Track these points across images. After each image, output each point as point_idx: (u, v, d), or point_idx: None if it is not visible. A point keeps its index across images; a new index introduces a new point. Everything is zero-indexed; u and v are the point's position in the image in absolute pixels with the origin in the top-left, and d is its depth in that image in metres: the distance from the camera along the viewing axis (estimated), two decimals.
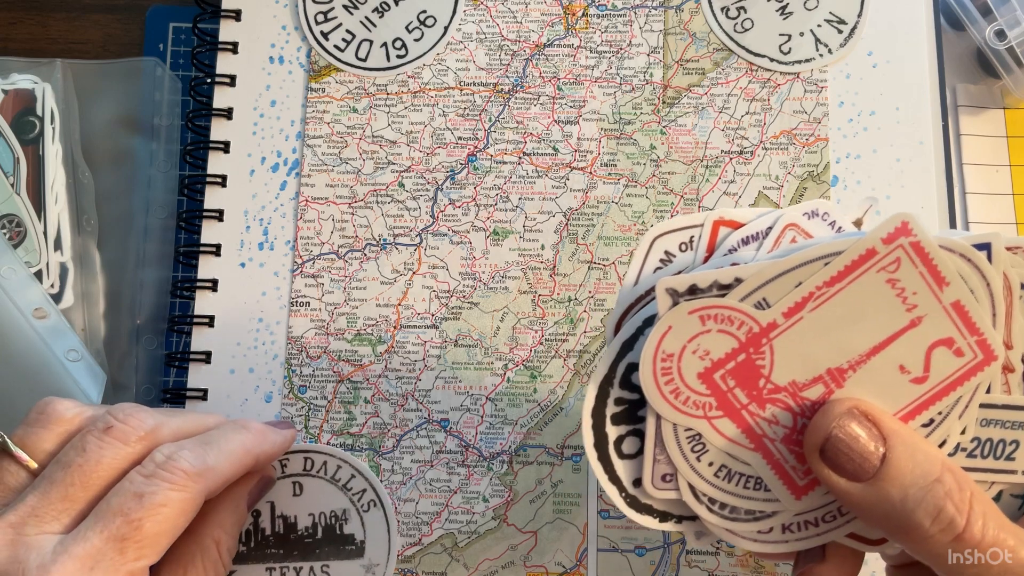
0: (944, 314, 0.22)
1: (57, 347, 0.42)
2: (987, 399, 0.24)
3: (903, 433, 0.23)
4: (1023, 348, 0.23)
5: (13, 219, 0.45)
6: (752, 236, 0.24)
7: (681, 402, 0.24)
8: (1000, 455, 0.24)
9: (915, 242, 0.22)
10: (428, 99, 0.45)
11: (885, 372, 0.23)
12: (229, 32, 0.46)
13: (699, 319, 0.23)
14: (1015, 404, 0.24)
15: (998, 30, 0.45)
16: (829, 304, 0.23)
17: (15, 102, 0.47)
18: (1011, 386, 0.24)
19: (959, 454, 0.24)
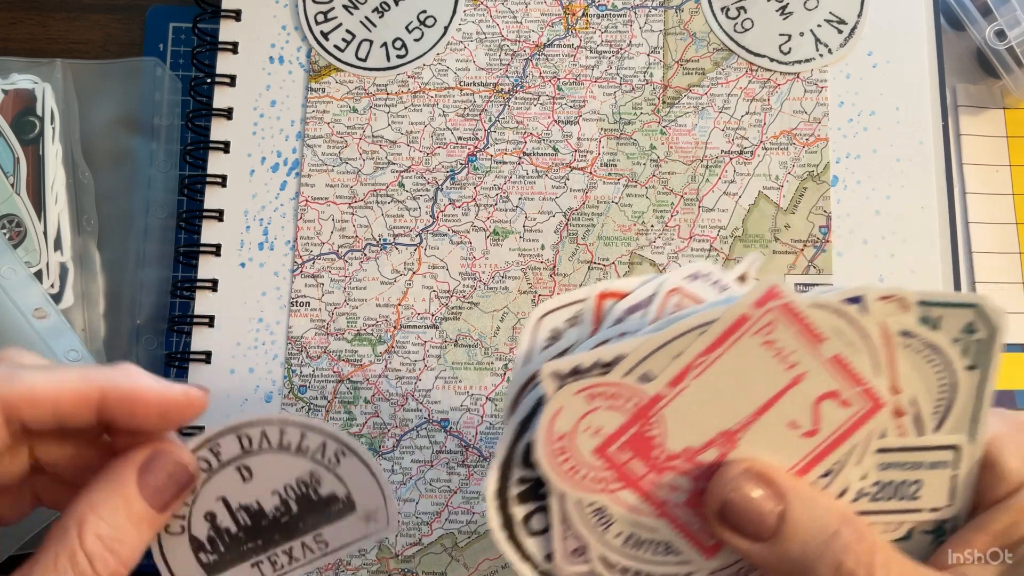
0: (824, 369, 0.23)
1: (57, 347, 0.42)
2: (883, 444, 0.24)
3: (800, 489, 0.23)
4: (911, 391, 0.24)
5: (13, 219, 0.45)
6: (637, 305, 0.25)
7: (580, 478, 0.24)
8: (905, 496, 0.25)
9: (785, 304, 0.23)
10: (428, 99, 0.45)
11: (776, 430, 0.24)
12: (229, 32, 0.46)
13: (586, 398, 0.24)
14: (911, 446, 0.24)
15: (998, 30, 0.45)
16: (711, 370, 0.23)
17: (15, 102, 0.47)
18: (905, 428, 0.24)
19: (863, 499, 0.25)
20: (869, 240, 0.43)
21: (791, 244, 0.43)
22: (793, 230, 0.43)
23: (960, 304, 0.24)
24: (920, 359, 0.24)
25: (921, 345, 0.24)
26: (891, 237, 0.42)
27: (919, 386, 0.24)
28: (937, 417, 0.24)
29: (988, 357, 0.24)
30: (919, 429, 0.24)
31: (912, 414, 0.24)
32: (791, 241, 0.43)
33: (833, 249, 0.42)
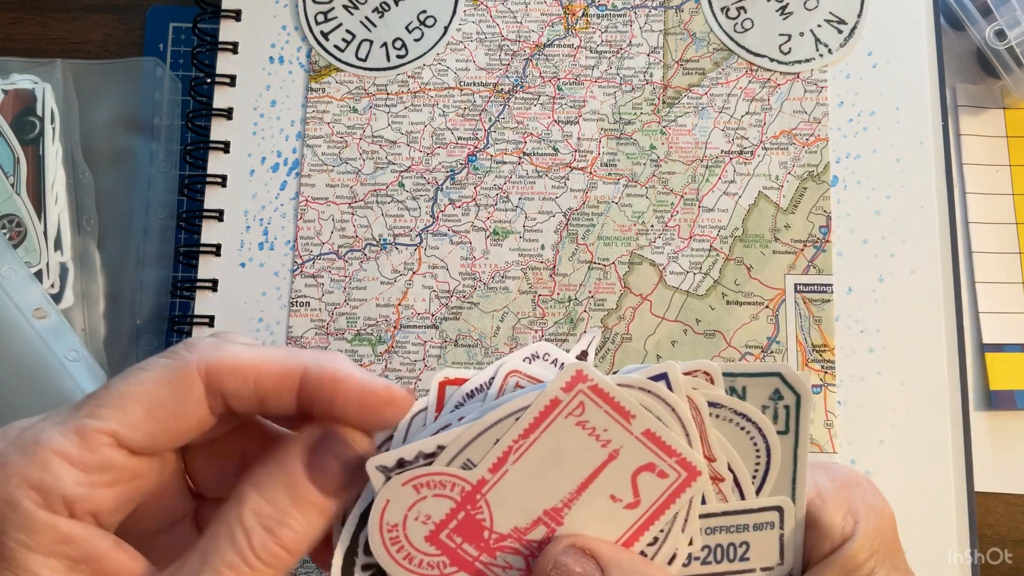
0: (638, 443, 0.24)
1: (57, 347, 0.42)
2: (704, 510, 0.25)
3: (621, 560, 0.24)
4: (726, 458, 0.25)
5: (13, 219, 0.45)
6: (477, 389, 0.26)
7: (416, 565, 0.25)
8: (734, 557, 0.26)
9: (593, 386, 0.24)
10: (428, 99, 0.45)
11: (599, 504, 0.25)
12: (229, 32, 0.46)
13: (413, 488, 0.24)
14: (732, 510, 0.25)
15: (998, 30, 0.45)
16: (529, 453, 0.24)
17: (15, 102, 0.47)
18: (725, 493, 0.25)
19: (694, 563, 0.26)
20: (869, 240, 0.42)
21: (791, 244, 0.43)
22: (793, 230, 0.43)
23: (762, 373, 0.25)
24: (731, 427, 0.25)
25: (730, 414, 0.25)
26: (891, 237, 0.42)
27: (733, 453, 0.25)
28: (757, 481, 0.26)
29: (797, 421, 0.26)
30: (740, 493, 0.26)
31: (730, 480, 0.25)
32: (791, 241, 0.43)
33: (833, 249, 0.42)
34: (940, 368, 0.41)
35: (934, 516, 0.40)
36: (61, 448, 0.22)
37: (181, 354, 0.24)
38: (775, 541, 0.26)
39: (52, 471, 0.22)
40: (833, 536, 0.26)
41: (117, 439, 0.23)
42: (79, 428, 0.22)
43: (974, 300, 0.46)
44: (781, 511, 0.26)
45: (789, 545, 0.26)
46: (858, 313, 0.42)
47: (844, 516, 0.27)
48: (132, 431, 0.23)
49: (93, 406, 0.23)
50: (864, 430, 0.41)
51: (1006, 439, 0.44)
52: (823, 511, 0.26)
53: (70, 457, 0.22)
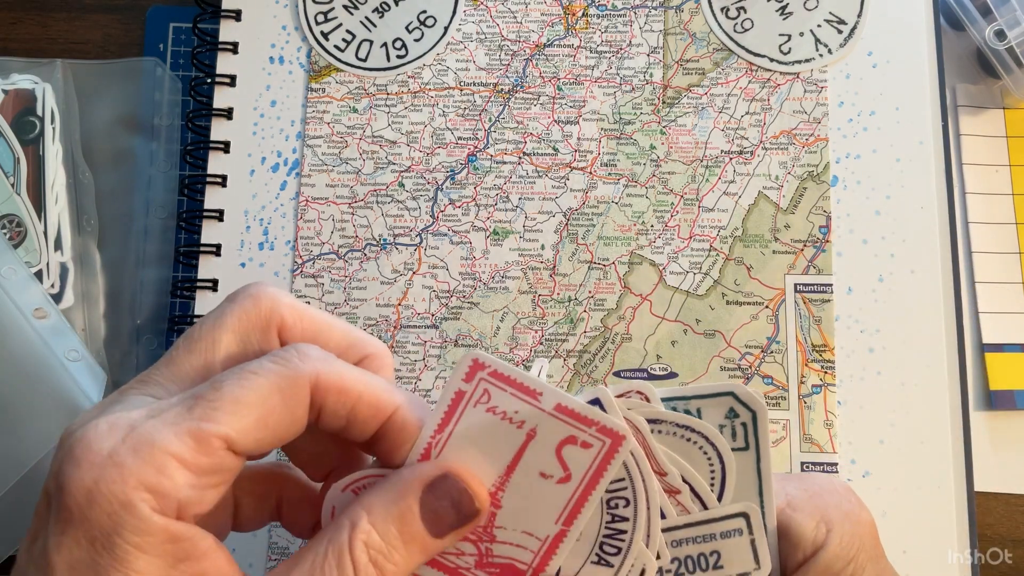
0: (552, 419, 0.24)
1: (57, 347, 0.42)
2: (666, 523, 0.25)
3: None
4: (678, 471, 0.25)
5: (13, 219, 0.45)
6: None
7: None
8: (707, 567, 0.26)
9: (492, 371, 0.24)
10: (428, 99, 0.45)
11: (531, 483, 0.25)
12: (229, 32, 0.46)
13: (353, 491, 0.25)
14: (695, 521, 0.26)
15: (998, 30, 0.45)
16: (450, 445, 0.25)
17: (15, 102, 0.47)
18: (685, 505, 0.26)
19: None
20: (869, 240, 0.43)
21: (791, 244, 0.43)
22: (793, 230, 0.43)
23: (715, 394, 0.26)
24: (677, 441, 0.25)
25: (673, 427, 0.25)
26: (891, 237, 0.42)
27: (684, 464, 0.25)
28: (716, 489, 0.26)
29: (756, 437, 0.26)
30: (702, 503, 0.26)
31: (687, 491, 0.25)
32: (791, 241, 0.43)
33: (833, 249, 0.42)
34: (940, 368, 0.41)
35: (934, 516, 0.40)
36: (178, 452, 0.22)
37: (294, 362, 0.24)
38: (747, 546, 0.26)
39: (168, 475, 0.22)
40: (805, 545, 0.26)
41: (229, 444, 0.23)
42: (195, 432, 0.22)
43: (974, 300, 0.46)
44: (747, 516, 0.26)
45: (763, 549, 0.26)
46: (858, 313, 0.42)
47: (816, 524, 0.26)
48: (244, 437, 0.23)
49: (207, 409, 0.23)
50: (864, 430, 0.41)
51: (1006, 439, 0.44)
52: (793, 520, 0.26)
53: (185, 461, 0.22)
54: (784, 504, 0.27)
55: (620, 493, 0.25)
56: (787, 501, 0.27)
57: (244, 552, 0.41)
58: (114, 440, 0.22)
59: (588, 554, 0.25)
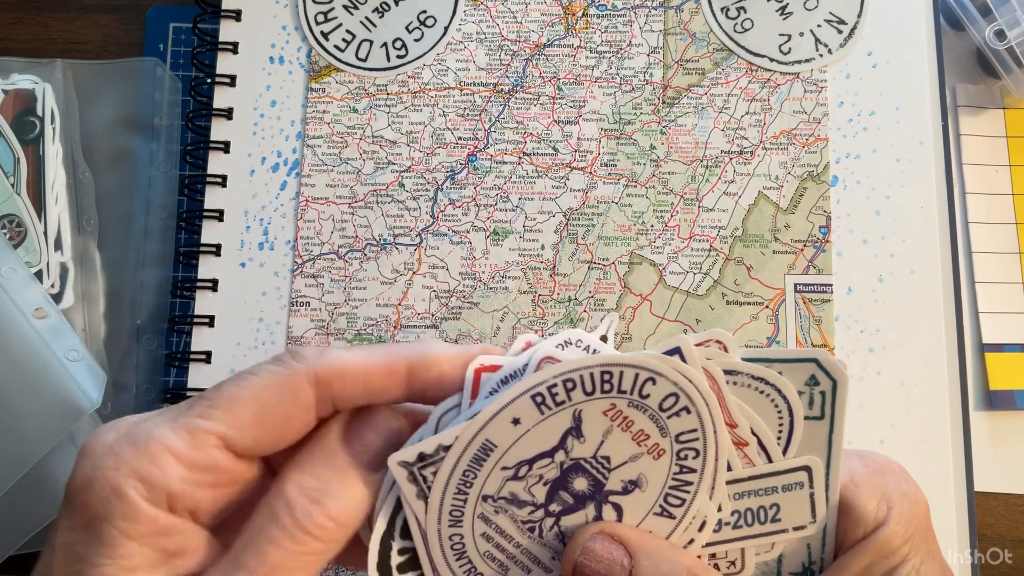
0: None
1: (57, 347, 0.42)
2: (731, 475, 0.25)
3: (648, 545, 0.25)
4: (748, 422, 0.25)
5: (13, 219, 0.45)
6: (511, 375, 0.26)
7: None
8: (765, 519, 0.26)
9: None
10: (428, 99, 0.45)
11: None
12: (229, 32, 0.46)
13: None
14: (759, 473, 0.26)
15: (998, 30, 0.45)
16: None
17: (15, 102, 0.47)
18: (751, 457, 0.25)
19: (725, 528, 0.26)
20: (869, 240, 0.43)
21: (791, 244, 0.43)
22: (793, 230, 0.43)
23: (799, 360, 0.25)
24: (750, 392, 0.25)
25: (748, 379, 0.25)
26: (891, 237, 0.42)
27: (755, 417, 0.25)
28: (782, 443, 0.26)
29: (832, 407, 0.26)
30: (767, 456, 0.26)
31: (755, 443, 0.25)
32: (791, 241, 0.43)
33: (833, 249, 0.42)
34: (940, 368, 0.41)
35: (934, 516, 0.39)
36: (171, 444, 0.22)
37: (289, 362, 0.24)
38: (806, 500, 0.26)
39: (160, 465, 0.22)
40: (866, 522, 0.26)
41: (225, 441, 0.23)
42: (190, 427, 0.23)
43: (974, 300, 0.46)
44: (809, 470, 0.26)
45: (820, 503, 0.26)
46: (858, 313, 0.42)
47: (878, 502, 0.26)
48: (240, 434, 0.23)
49: (204, 407, 0.23)
50: (864, 430, 0.41)
51: (1006, 439, 0.44)
52: (856, 496, 0.26)
53: (178, 454, 0.22)
54: (847, 479, 0.27)
55: (691, 444, 0.25)
56: (850, 477, 0.27)
57: None
58: (117, 433, 0.23)
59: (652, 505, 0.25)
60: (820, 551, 0.27)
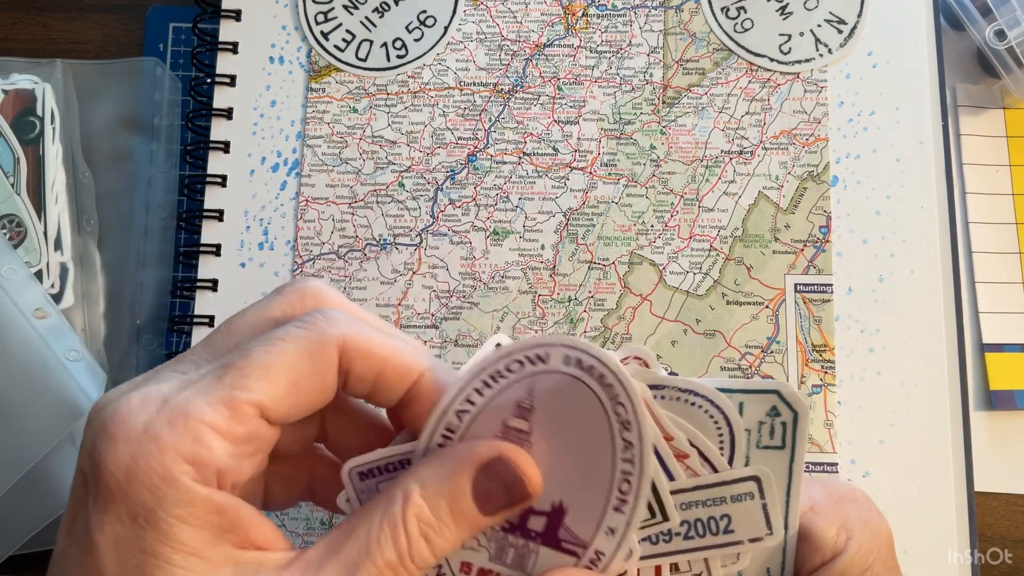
0: None
1: (57, 347, 0.42)
2: (675, 486, 0.25)
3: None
4: (683, 434, 0.25)
5: (13, 219, 0.45)
6: None
7: None
8: (718, 531, 0.25)
9: None
10: (428, 99, 0.45)
11: None
12: (229, 32, 0.46)
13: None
14: (704, 483, 0.25)
15: (998, 30, 0.45)
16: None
17: (15, 102, 0.47)
18: (694, 468, 0.25)
19: (676, 539, 0.26)
20: (869, 240, 0.42)
21: (791, 244, 0.43)
22: (793, 230, 0.43)
23: (760, 391, 0.25)
24: (681, 405, 0.25)
25: (676, 392, 0.25)
26: (891, 237, 0.42)
27: (690, 428, 0.25)
28: (725, 452, 0.25)
29: (793, 438, 0.26)
30: (712, 467, 0.25)
31: (695, 455, 0.25)
32: (791, 241, 0.43)
33: (833, 249, 0.42)
34: (940, 368, 0.41)
35: (934, 516, 0.40)
36: (212, 421, 0.22)
37: (320, 325, 0.24)
38: (758, 511, 0.26)
39: (206, 445, 0.22)
40: (824, 550, 0.26)
41: (263, 411, 0.23)
42: (228, 400, 0.22)
43: (974, 300, 0.46)
44: (759, 481, 0.25)
45: (775, 515, 0.26)
46: (858, 313, 0.42)
47: (837, 530, 0.27)
48: (276, 404, 0.23)
49: (237, 376, 0.22)
50: (864, 430, 0.41)
51: (1006, 439, 0.44)
52: (815, 524, 0.26)
53: (221, 430, 0.22)
54: (807, 507, 0.27)
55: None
56: (810, 505, 0.27)
57: None
58: (148, 414, 0.22)
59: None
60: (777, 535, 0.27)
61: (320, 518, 0.41)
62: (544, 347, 0.24)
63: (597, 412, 0.24)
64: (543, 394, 0.24)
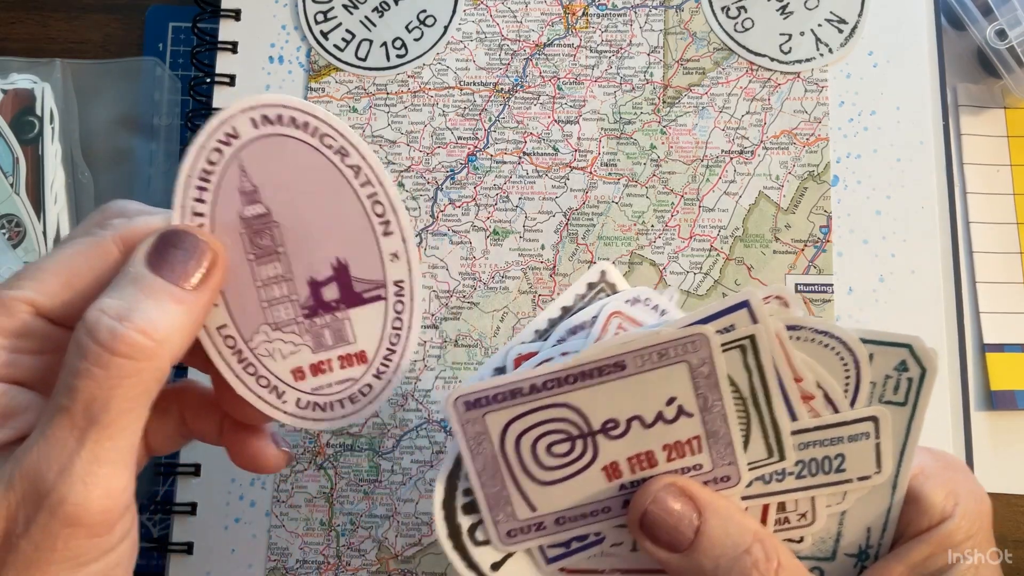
0: None
1: None
2: (796, 426, 0.25)
3: (718, 505, 0.25)
4: (813, 376, 0.25)
5: (13, 219, 0.45)
6: (580, 326, 0.26)
7: None
8: (830, 469, 0.26)
9: None
10: (428, 99, 0.45)
11: None
12: (229, 32, 0.46)
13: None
14: (825, 424, 0.26)
15: (999, 29, 0.45)
16: None
17: (15, 102, 0.47)
18: (818, 409, 0.26)
19: (788, 478, 0.26)
20: (869, 240, 0.42)
21: (791, 244, 0.43)
22: (793, 230, 0.43)
23: (893, 343, 0.25)
24: (814, 347, 0.25)
25: (811, 333, 0.25)
26: (891, 237, 0.42)
27: (820, 370, 0.25)
28: (849, 394, 0.26)
29: (917, 395, 0.26)
30: (834, 408, 0.26)
31: (821, 396, 0.25)
32: (791, 241, 0.43)
33: (833, 249, 0.42)
34: (940, 368, 0.41)
35: None
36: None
37: (95, 231, 0.25)
38: (871, 450, 0.26)
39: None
40: (932, 513, 0.26)
41: (35, 307, 0.24)
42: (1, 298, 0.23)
43: (975, 300, 0.46)
44: (876, 420, 0.26)
45: (886, 453, 0.26)
46: (858, 313, 0.42)
47: (946, 496, 0.27)
48: (50, 299, 0.24)
49: (12, 279, 0.24)
50: None
51: (1006, 439, 0.44)
52: (925, 487, 0.27)
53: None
54: (918, 470, 0.27)
55: None
56: (921, 468, 0.27)
57: (244, 552, 0.41)
58: None
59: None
60: (880, 536, 0.27)
61: (320, 518, 0.41)
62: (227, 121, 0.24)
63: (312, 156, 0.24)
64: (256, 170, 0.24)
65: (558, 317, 0.27)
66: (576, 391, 0.24)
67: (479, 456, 0.25)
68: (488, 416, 0.25)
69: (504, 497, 0.25)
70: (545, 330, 0.27)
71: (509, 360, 0.26)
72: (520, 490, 0.25)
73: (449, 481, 0.26)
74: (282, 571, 0.41)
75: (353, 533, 0.41)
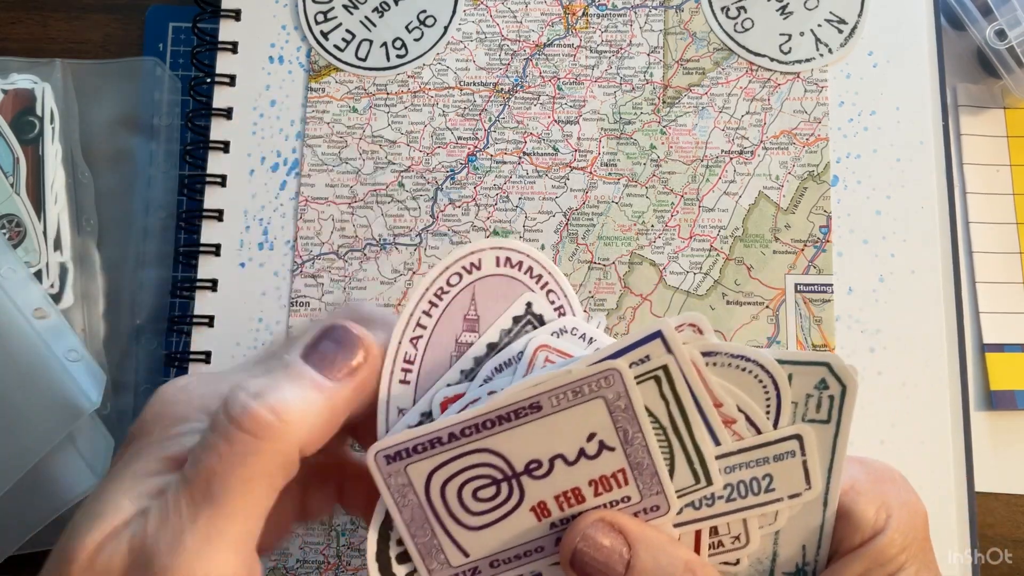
0: None
1: (57, 347, 0.42)
2: (720, 450, 0.25)
3: (648, 537, 0.25)
4: (733, 400, 0.25)
5: (13, 219, 0.45)
6: (506, 363, 0.26)
7: None
8: (759, 490, 0.26)
9: None
10: (428, 99, 0.45)
11: None
12: (229, 32, 0.46)
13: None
14: (748, 446, 0.26)
15: (998, 30, 0.45)
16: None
17: (15, 102, 0.47)
18: (740, 433, 0.26)
19: (718, 502, 0.26)
20: (869, 240, 0.42)
21: (791, 244, 0.43)
22: (793, 230, 0.43)
23: (810, 363, 0.25)
24: (732, 371, 0.25)
25: (727, 358, 0.25)
26: (891, 237, 0.42)
27: (739, 394, 0.25)
28: (771, 416, 0.26)
29: (840, 412, 0.26)
30: (756, 430, 0.26)
31: (742, 420, 0.25)
32: (791, 241, 0.43)
33: (833, 249, 0.42)
34: (940, 368, 0.41)
35: (934, 516, 0.39)
36: None
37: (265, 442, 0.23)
38: (799, 468, 0.26)
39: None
40: (864, 528, 0.26)
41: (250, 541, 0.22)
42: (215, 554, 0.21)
43: (974, 300, 0.46)
44: (800, 438, 0.26)
45: (814, 470, 0.26)
46: (858, 313, 0.42)
47: (877, 509, 0.27)
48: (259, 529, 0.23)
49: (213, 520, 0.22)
50: (865, 430, 0.41)
51: (1006, 439, 0.44)
52: (856, 503, 0.27)
53: None
54: (848, 486, 0.27)
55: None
56: (851, 483, 0.27)
57: None
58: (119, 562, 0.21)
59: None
60: (815, 553, 0.27)
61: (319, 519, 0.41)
62: (476, 253, 0.26)
63: None
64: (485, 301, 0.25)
65: (484, 355, 0.27)
66: (495, 435, 0.24)
67: (405, 508, 0.25)
68: (410, 468, 0.24)
69: (435, 545, 0.25)
70: (471, 369, 0.26)
71: (435, 404, 0.26)
72: (451, 537, 0.25)
73: (382, 531, 0.26)
74: (282, 571, 0.41)
75: (353, 533, 0.41)
